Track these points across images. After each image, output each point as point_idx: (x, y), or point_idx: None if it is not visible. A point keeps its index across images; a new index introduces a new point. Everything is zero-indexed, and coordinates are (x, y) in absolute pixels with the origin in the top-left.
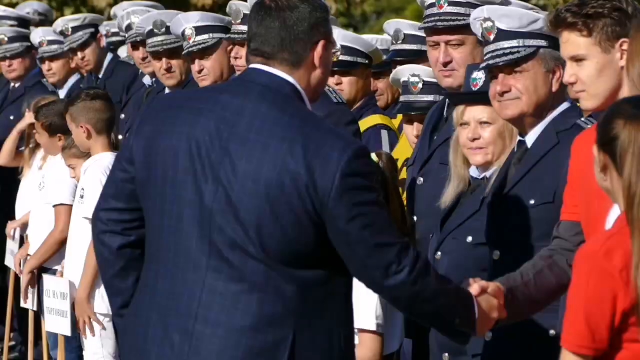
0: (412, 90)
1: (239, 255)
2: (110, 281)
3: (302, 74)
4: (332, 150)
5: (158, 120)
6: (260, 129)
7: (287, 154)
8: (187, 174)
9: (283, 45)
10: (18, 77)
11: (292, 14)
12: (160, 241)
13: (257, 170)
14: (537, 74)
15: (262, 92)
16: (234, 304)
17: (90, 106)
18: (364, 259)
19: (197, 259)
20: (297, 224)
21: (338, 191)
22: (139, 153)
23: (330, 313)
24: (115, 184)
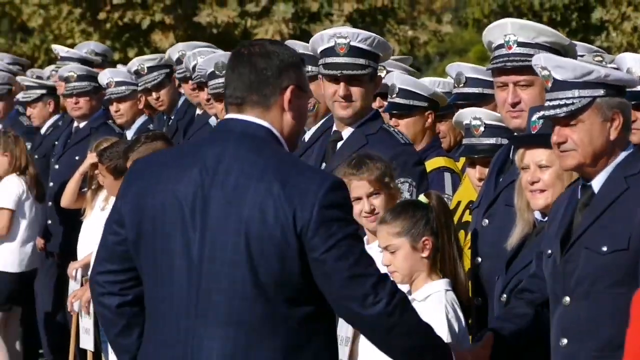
0: (474, 133)
1: (228, 298)
2: (115, 339)
3: (273, 117)
4: (310, 184)
5: (143, 181)
6: (240, 172)
7: (266, 192)
8: (176, 226)
9: (252, 88)
10: (83, 115)
11: (262, 60)
12: (156, 294)
13: (239, 211)
14: (594, 124)
15: (239, 139)
16: (224, 349)
17: (151, 147)
18: (340, 289)
19: (188, 307)
20: (282, 258)
21: (316, 223)
22: (128, 215)
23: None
24: (107, 248)
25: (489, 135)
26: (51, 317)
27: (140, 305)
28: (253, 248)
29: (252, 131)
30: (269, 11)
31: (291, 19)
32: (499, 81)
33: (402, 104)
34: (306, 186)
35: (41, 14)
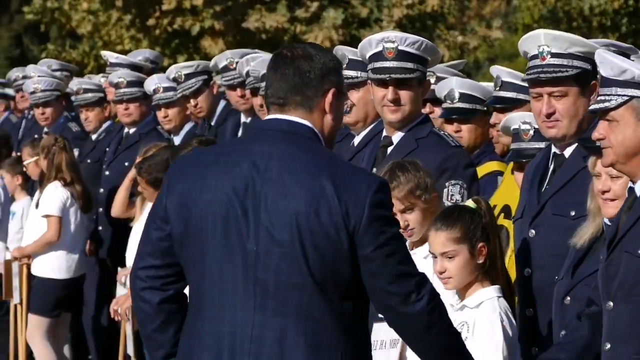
0: (524, 138)
1: (285, 290)
2: (152, 335)
3: (315, 118)
4: (360, 184)
5: (189, 177)
6: (292, 170)
7: (320, 189)
8: (228, 222)
9: (295, 89)
10: (133, 122)
11: (305, 62)
12: (204, 288)
13: (295, 207)
14: (628, 123)
15: (286, 138)
16: (284, 337)
17: None
18: (386, 285)
19: (244, 299)
20: (335, 253)
21: (367, 221)
22: (174, 211)
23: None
24: (151, 243)
25: (538, 139)
26: (99, 322)
27: (179, 302)
28: (307, 243)
29: (298, 130)
30: (319, 17)
31: (341, 25)
32: (533, 92)
33: (464, 109)
34: (357, 186)
35: (90, 20)
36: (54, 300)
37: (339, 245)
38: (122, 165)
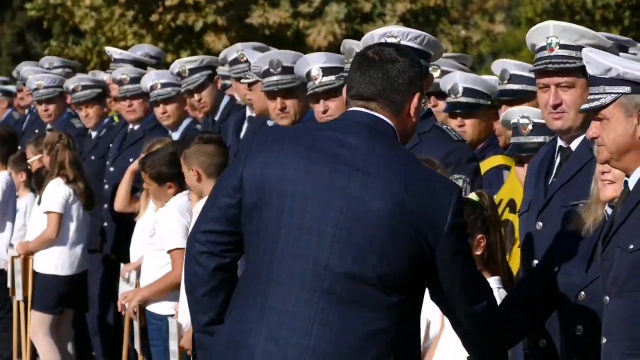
0: (522, 132)
1: (354, 280)
2: (201, 299)
3: (400, 122)
4: (443, 189)
5: (271, 152)
6: (378, 164)
7: (405, 191)
8: (305, 203)
9: (384, 94)
10: (137, 119)
11: (394, 67)
12: (271, 262)
13: (379, 205)
14: (618, 121)
15: (371, 132)
16: (346, 324)
17: (202, 149)
18: (460, 289)
19: (312, 281)
20: (410, 254)
21: (450, 228)
22: (249, 181)
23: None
24: (218, 208)
25: (537, 133)
26: (105, 319)
27: (232, 271)
28: (386, 241)
29: (381, 127)
30: (322, 12)
31: (344, 19)
32: (540, 83)
33: (468, 103)
34: (440, 192)
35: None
36: (56, 297)
37: (417, 248)
38: (126, 161)
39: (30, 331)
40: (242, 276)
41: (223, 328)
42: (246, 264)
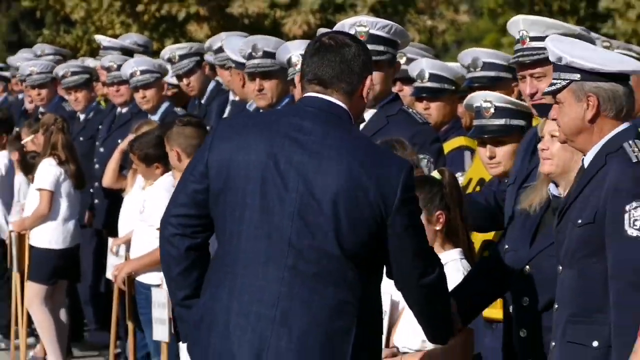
0: (485, 115)
1: (316, 254)
2: (176, 277)
3: (353, 103)
4: (393, 165)
5: (233, 139)
6: (332, 147)
7: (356, 168)
8: (265, 186)
9: (342, 76)
10: (124, 102)
11: (349, 50)
12: (238, 244)
13: (334, 183)
14: (570, 105)
15: (326, 117)
16: (311, 297)
17: (181, 132)
18: (410, 261)
19: (277, 258)
20: (366, 228)
21: (400, 202)
22: (215, 167)
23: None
24: (186, 194)
25: (498, 116)
26: (97, 289)
27: (203, 250)
28: (342, 217)
29: (336, 111)
30: (297, 3)
31: (318, 10)
32: (519, 74)
33: (433, 88)
34: (390, 168)
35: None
36: (51, 269)
37: (371, 222)
38: (115, 142)
39: (26, 301)
40: (214, 256)
41: (198, 303)
42: (217, 245)
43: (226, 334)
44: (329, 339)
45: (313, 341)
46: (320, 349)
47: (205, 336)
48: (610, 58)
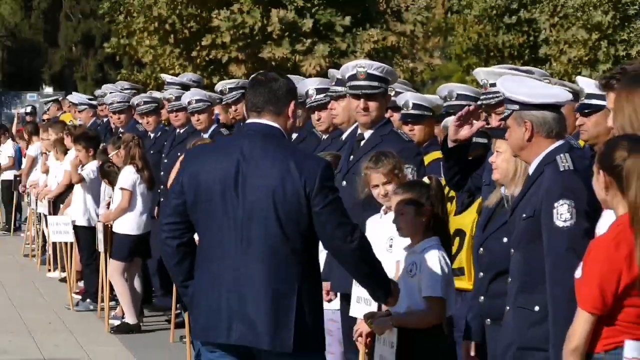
0: None
1: (263, 240)
2: (172, 267)
3: (282, 121)
4: (313, 164)
5: (198, 162)
6: (266, 157)
7: (286, 170)
8: (224, 194)
9: (269, 102)
10: (181, 124)
11: (275, 84)
12: (210, 241)
13: (270, 183)
14: (514, 129)
15: (263, 136)
16: (262, 270)
17: None
18: (331, 232)
19: (235, 245)
20: (298, 212)
21: (317, 189)
22: (187, 185)
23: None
24: (171, 207)
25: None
26: (160, 264)
27: (190, 246)
28: (279, 207)
29: (269, 130)
30: (312, 50)
31: (327, 55)
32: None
33: (416, 114)
34: (311, 166)
35: (151, 52)
36: (127, 250)
37: (299, 206)
38: (175, 155)
39: (108, 274)
40: (198, 249)
41: (192, 284)
42: (199, 239)
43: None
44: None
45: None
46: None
47: (197, 305)
48: (541, 93)
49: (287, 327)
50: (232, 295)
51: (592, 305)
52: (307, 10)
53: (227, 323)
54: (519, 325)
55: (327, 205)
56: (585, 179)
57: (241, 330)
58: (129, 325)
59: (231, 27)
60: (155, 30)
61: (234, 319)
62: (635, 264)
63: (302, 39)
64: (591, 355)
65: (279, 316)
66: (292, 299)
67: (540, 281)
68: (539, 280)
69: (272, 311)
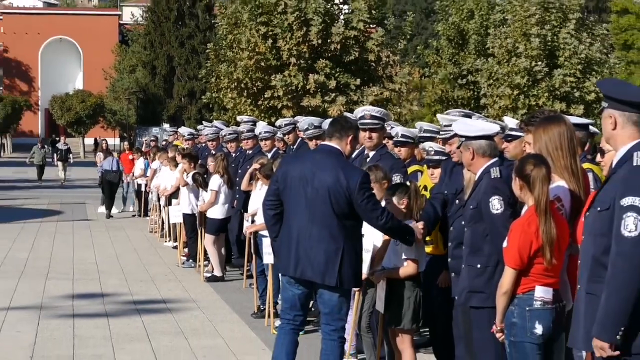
0: (430, 154)
1: (321, 216)
2: (270, 228)
3: (343, 146)
4: (356, 173)
5: (288, 164)
6: (327, 165)
7: (338, 174)
8: (300, 185)
9: (337, 133)
10: (251, 148)
11: (341, 121)
12: (291, 212)
13: (328, 181)
14: (464, 152)
15: (329, 153)
16: (321, 234)
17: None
18: (369, 215)
19: (305, 219)
20: (345, 203)
21: (357, 188)
22: (281, 178)
23: (355, 238)
24: (271, 190)
25: (437, 155)
26: (238, 238)
27: (281, 215)
28: (332, 197)
29: (334, 150)
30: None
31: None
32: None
33: (403, 141)
34: (354, 174)
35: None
36: (215, 228)
37: (345, 198)
38: (246, 167)
39: (204, 243)
40: (284, 217)
41: (278, 239)
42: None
43: (289, 247)
44: (329, 252)
45: (323, 252)
46: (325, 256)
47: (278, 251)
48: (478, 128)
49: (333, 270)
50: (300, 246)
51: (515, 263)
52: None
53: (295, 263)
54: (468, 276)
55: (365, 199)
56: (509, 183)
57: (303, 268)
58: (217, 277)
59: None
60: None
61: (300, 261)
62: (540, 237)
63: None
64: (515, 295)
65: (328, 262)
66: (338, 252)
67: (482, 247)
68: (481, 247)
69: (324, 259)
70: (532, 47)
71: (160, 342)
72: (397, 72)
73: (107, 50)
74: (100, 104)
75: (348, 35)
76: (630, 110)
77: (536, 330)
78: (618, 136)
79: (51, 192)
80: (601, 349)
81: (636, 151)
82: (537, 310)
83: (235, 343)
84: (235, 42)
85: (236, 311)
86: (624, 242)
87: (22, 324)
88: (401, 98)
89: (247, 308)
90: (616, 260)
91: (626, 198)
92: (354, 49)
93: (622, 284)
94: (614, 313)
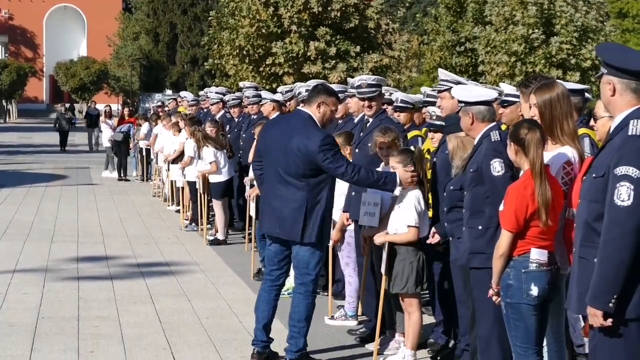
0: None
1: (286, 176)
2: (257, 187)
3: (314, 111)
4: (315, 136)
5: (268, 127)
6: (294, 128)
7: (302, 137)
8: (273, 147)
9: (310, 99)
10: (256, 112)
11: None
12: (266, 174)
13: (294, 143)
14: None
15: (298, 116)
16: (287, 192)
17: None
18: (334, 172)
19: (276, 179)
20: (307, 163)
21: (319, 149)
22: (262, 140)
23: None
24: (256, 152)
25: (438, 119)
26: (238, 201)
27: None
28: (299, 157)
29: (304, 114)
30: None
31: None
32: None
33: (402, 106)
34: (315, 135)
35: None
36: (221, 191)
37: (309, 157)
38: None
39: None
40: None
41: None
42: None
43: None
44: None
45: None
46: (291, 213)
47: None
48: (476, 94)
49: (297, 226)
50: (270, 205)
51: (511, 226)
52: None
53: (267, 221)
54: (470, 238)
55: (326, 159)
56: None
57: (274, 226)
58: (219, 240)
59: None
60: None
61: (270, 218)
62: (536, 200)
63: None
64: (511, 258)
65: (293, 219)
66: (301, 210)
67: (482, 209)
68: (482, 209)
69: (290, 217)
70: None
71: (163, 304)
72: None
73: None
74: (104, 71)
75: (348, 2)
76: (629, 77)
77: (532, 291)
78: (616, 102)
79: (55, 157)
80: (594, 316)
81: (633, 119)
82: (532, 272)
83: (237, 305)
84: (237, 9)
85: (238, 273)
86: (617, 211)
87: (28, 286)
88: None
89: (248, 270)
90: (608, 228)
91: (620, 167)
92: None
93: (614, 251)
94: (606, 281)
